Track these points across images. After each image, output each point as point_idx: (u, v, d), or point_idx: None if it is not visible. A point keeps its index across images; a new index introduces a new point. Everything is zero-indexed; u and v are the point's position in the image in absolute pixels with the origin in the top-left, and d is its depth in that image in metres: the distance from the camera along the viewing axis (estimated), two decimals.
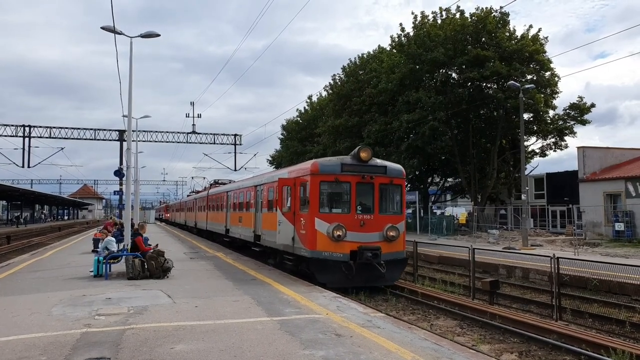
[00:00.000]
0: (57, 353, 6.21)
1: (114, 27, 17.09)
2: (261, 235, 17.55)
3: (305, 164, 14.69)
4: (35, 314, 8.50)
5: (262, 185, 17.87)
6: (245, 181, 23.17)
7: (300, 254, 13.48)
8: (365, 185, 13.51)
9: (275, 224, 15.29)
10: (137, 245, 13.73)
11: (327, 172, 13.26)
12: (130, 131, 19.58)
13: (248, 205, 20.01)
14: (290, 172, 15.26)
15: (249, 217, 19.69)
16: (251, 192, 19.52)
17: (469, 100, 33.34)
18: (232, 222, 23.64)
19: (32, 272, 14.46)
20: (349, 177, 13.33)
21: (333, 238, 12.70)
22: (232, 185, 26.91)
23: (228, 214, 24.76)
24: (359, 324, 7.85)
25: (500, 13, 33.12)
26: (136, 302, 9.54)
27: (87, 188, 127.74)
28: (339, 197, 13.85)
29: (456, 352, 6.44)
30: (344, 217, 13.10)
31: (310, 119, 52.72)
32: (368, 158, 13.56)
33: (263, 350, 6.36)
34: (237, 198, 22.50)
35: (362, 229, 13.11)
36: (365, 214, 13.39)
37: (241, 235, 21.20)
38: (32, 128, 47.10)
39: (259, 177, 20.23)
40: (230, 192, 24.58)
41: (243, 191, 21.39)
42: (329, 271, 12.70)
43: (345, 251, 12.79)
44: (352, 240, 12.88)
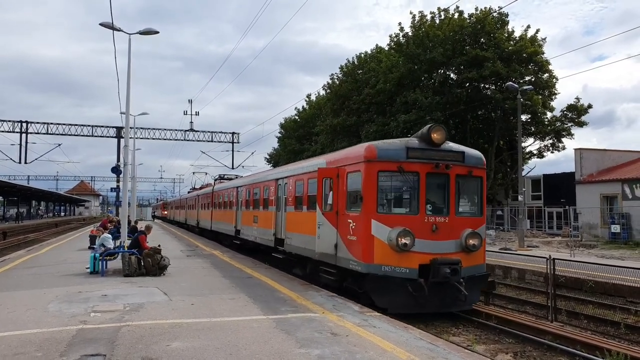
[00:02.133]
0: (53, 349, 6.21)
1: (112, 23, 17.06)
2: (285, 239, 14.80)
3: (354, 148, 11.55)
4: (31, 310, 8.48)
5: (287, 179, 15.08)
6: (261, 174, 20.16)
7: (349, 267, 10.49)
8: (439, 177, 10.49)
9: (308, 225, 12.76)
10: (139, 243, 13.74)
11: (388, 158, 10.17)
12: (127, 128, 19.55)
13: (266, 202, 17.26)
14: (331, 160, 12.25)
15: (267, 217, 17.01)
16: (270, 187, 16.77)
17: (467, 100, 33.41)
18: (244, 222, 20.78)
19: (28, 268, 14.44)
20: (417, 166, 10.23)
21: (397, 247, 9.70)
22: (244, 179, 23.66)
23: (239, 212, 21.94)
24: (355, 323, 7.86)
25: (499, 14, 33.18)
26: (132, 299, 9.54)
27: (84, 185, 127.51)
28: (403, 193, 10.92)
29: (451, 352, 6.46)
30: (411, 220, 10.07)
31: (309, 118, 52.74)
32: (442, 141, 10.48)
33: (259, 348, 6.37)
34: (252, 194, 19.70)
35: (434, 236, 10.09)
36: (437, 215, 10.35)
37: (257, 238, 18.34)
38: (29, 124, 46.92)
39: (282, 168, 17.55)
40: (242, 187, 21.75)
41: (259, 186, 18.50)
42: (391, 292, 9.75)
43: (413, 265, 9.82)
44: (422, 251, 9.88)
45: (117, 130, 49.02)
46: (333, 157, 12.58)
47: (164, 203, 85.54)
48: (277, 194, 16.06)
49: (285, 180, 15.28)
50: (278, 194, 15.96)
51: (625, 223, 28.50)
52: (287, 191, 14.95)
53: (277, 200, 16.01)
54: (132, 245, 14.04)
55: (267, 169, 38.36)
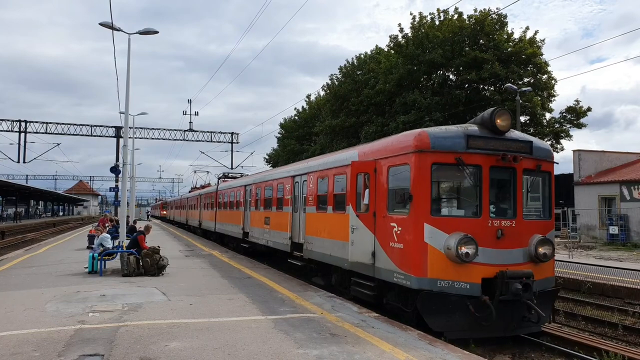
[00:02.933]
0: (51, 349, 6.20)
1: (112, 23, 17.06)
2: (304, 243, 13.20)
3: (398, 137, 9.61)
4: (29, 310, 8.48)
5: (307, 175, 13.41)
6: (275, 171, 18.71)
7: (392, 281, 8.85)
8: (504, 172, 8.85)
9: (334, 229, 11.24)
10: (137, 243, 13.74)
11: (444, 148, 8.47)
12: (127, 128, 19.54)
13: (280, 202, 15.69)
14: (366, 152, 10.39)
15: (281, 218, 15.45)
16: (286, 185, 15.24)
17: (466, 101, 33.43)
18: (253, 224, 19.14)
19: (26, 268, 14.42)
20: (479, 158, 8.56)
21: (457, 258, 8.01)
22: (253, 176, 21.61)
23: (247, 213, 20.30)
24: (353, 324, 7.87)
25: (498, 15, 33.23)
26: (131, 299, 9.53)
27: (83, 184, 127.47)
28: (462, 191, 9.29)
29: (449, 353, 6.47)
30: (471, 224, 8.39)
31: (308, 118, 52.75)
32: (507, 128, 8.84)
33: (257, 348, 6.37)
34: (263, 193, 18.03)
35: (499, 243, 8.41)
36: (502, 218, 8.66)
37: (269, 242, 16.70)
38: (28, 123, 46.88)
39: (300, 164, 15.59)
40: (251, 185, 19.99)
41: (272, 184, 16.87)
42: (448, 312, 8.12)
43: (475, 279, 8.17)
44: (486, 262, 8.23)
45: (116, 129, 49.00)
46: (368, 148, 10.60)
47: (163, 203, 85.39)
48: (293, 192, 14.51)
49: (305, 177, 13.63)
50: (295, 192, 14.43)
51: (623, 224, 28.54)
52: (306, 189, 13.38)
53: (293, 199, 14.47)
54: (130, 245, 14.04)
55: (267, 168, 37.88)
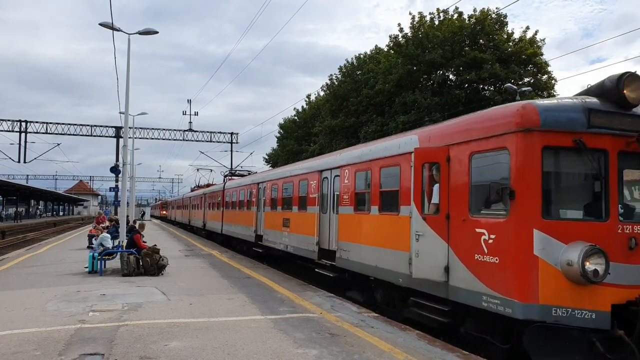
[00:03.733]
0: (51, 348, 6.23)
1: (112, 23, 17.09)
2: (337, 251, 11.35)
3: (490, 112, 7.39)
4: (30, 309, 8.50)
5: (340, 169, 11.55)
6: (296, 166, 16.19)
7: (481, 306, 6.71)
8: (635, 160, 6.84)
9: (382, 234, 9.33)
10: (134, 242, 13.78)
11: (559, 126, 6.40)
12: (126, 128, 19.57)
13: (303, 201, 13.88)
14: (433, 135, 8.19)
15: (304, 220, 13.68)
16: (311, 182, 13.42)
17: (466, 101, 33.44)
18: (268, 226, 17.24)
19: (26, 268, 14.44)
20: (604, 140, 6.49)
21: (582, 277, 5.94)
22: (268, 173, 19.76)
23: (260, 214, 18.39)
24: (352, 324, 7.89)
25: (498, 15, 33.25)
26: (130, 299, 9.56)
27: (83, 184, 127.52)
28: (581, 185, 6.92)
29: (448, 353, 6.49)
30: (596, 230, 6.32)
31: (308, 118, 52.76)
32: (638, 101, 6.68)
33: (257, 348, 6.39)
34: (280, 191, 16.22)
35: (633, 257, 6.32)
36: (635, 222, 6.56)
37: (288, 247, 14.89)
38: (28, 123, 46.90)
39: (329, 157, 13.44)
40: (266, 183, 18.11)
41: (292, 181, 15.10)
42: (566, 352, 6.08)
43: (602, 306, 6.10)
44: (616, 283, 6.15)
45: (116, 129, 49.02)
46: (436, 130, 8.32)
47: (163, 203, 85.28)
48: (321, 190, 12.75)
49: (336, 172, 11.85)
50: (323, 190, 12.68)
51: None
52: (339, 186, 11.54)
53: (321, 198, 12.71)
54: (128, 245, 14.06)
55: (267, 168, 37.08)
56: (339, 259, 11.26)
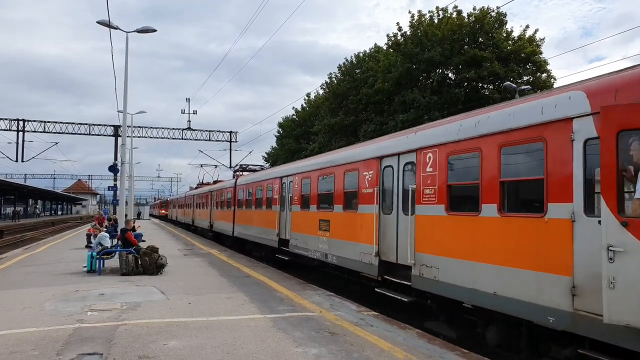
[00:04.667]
0: (50, 348, 6.20)
1: (109, 21, 17.04)
2: (415, 266, 8.49)
3: None
4: (28, 309, 8.47)
5: (417, 153, 8.75)
6: (338, 154, 13.04)
7: None
8: None
9: (516, 248, 6.42)
10: (128, 241, 13.76)
11: None
12: (125, 126, 19.53)
13: (351, 198, 11.26)
14: (628, 83, 5.31)
15: (355, 223, 10.89)
16: (365, 173, 10.57)
17: (465, 100, 33.44)
18: (297, 228, 14.55)
19: (25, 267, 14.40)
20: None
21: None
22: (294, 165, 16.65)
23: (285, 214, 15.65)
24: (352, 322, 7.87)
25: (497, 13, 33.24)
26: (129, 298, 9.53)
27: (81, 183, 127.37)
28: None
29: (448, 352, 6.47)
30: None
31: (307, 117, 52.76)
32: None
33: (256, 347, 6.36)
34: (315, 186, 13.44)
35: None
36: None
37: (329, 256, 12.09)
38: (26, 122, 46.80)
39: (391, 138, 10.39)
40: (292, 177, 15.30)
41: (333, 172, 12.28)
42: None
43: None
44: None
45: (114, 128, 48.93)
46: (620, 81, 5.47)
47: (162, 202, 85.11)
48: (381, 183, 9.97)
49: (408, 158, 9.05)
50: (384, 183, 9.93)
51: None
52: (416, 178, 8.67)
53: (381, 194, 9.95)
54: (123, 245, 14.01)
55: (267, 167, 35.07)
56: (419, 277, 8.35)
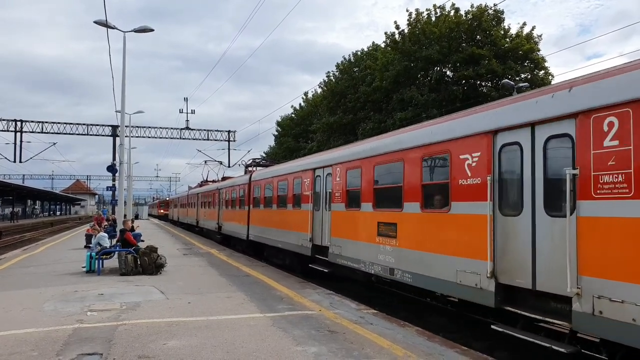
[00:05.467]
0: (49, 348, 6.19)
1: (106, 21, 17.01)
2: (579, 297, 5.59)
3: None
4: (27, 310, 8.46)
5: (575, 119, 5.83)
6: (406, 134, 9.57)
7: None
8: None
9: None
10: (127, 241, 13.75)
11: None
12: (123, 126, 19.51)
13: (434, 193, 8.46)
14: None
15: (443, 227, 8.05)
16: (467, 156, 7.56)
17: (463, 98, 33.46)
18: (340, 232, 11.63)
19: (24, 268, 14.38)
20: None
21: None
22: (330, 154, 13.08)
23: (322, 215, 12.67)
24: (352, 321, 7.88)
25: (495, 11, 33.27)
26: (129, 298, 9.52)
27: (80, 183, 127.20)
28: None
29: (448, 349, 6.48)
30: None
31: (305, 116, 52.78)
32: None
33: (256, 346, 6.36)
34: (367, 180, 10.39)
35: None
36: None
37: (398, 272, 9.12)
38: (24, 123, 46.69)
39: (516, 101, 7.08)
40: (332, 168, 12.19)
41: (402, 158, 9.19)
42: None
43: None
44: None
45: (112, 128, 48.85)
46: None
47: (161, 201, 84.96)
48: (496, 171, 7.06)
49: (565, 126, 6.01)
50: (501, 170, 7.01)
51: None
52: (591, 154, 5.64)
53: (499, 186, 7.02)
54: (123, 245, 13.99)
55: None
56: (591, 317, 5.44)
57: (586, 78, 6.06)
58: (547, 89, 6.72)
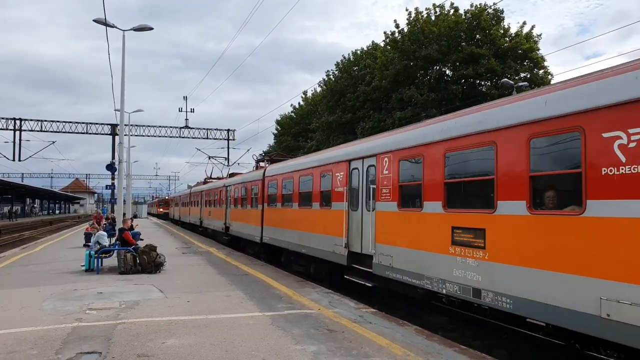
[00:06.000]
0: (48, 347, 6.19)
1: (105, 19, 16.99)
2: None
3: None
4: (26, 308, 8.46)
5: None
6: (499, 107, 7.14)
7: None
8: None
9: None
10: (126, 240, 13.76)
11: None
12: (122, 125, 19.49)
13: (554, 187, 6.17)
14: None
15: (571, 235, 5.61)
16: (608, 134, 5.20)
17: (463, 97, 33.46)
18: (388, 239, 9.41)
19: (23, 266, 14.38)
20: None
21: None
22: (372, 141, 10.83)
23: (361, 215, 10.56)
24: (351, 320, 7.88)
25: (494, 10, 33.26)
26: (128, 297, 9.53)
27: (79, 182, 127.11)
28: None
29: (446, 348, 6.49)
30: None
31: (304, 115, 52.78)
32: None
33: (255, 345, 6.37)
34: (432, 172, 8.27)
35: None
36: None
37: (485, 294, 6.89)
38: (23, 121, 46.64)
39: None
40: (370, 159, 10.26)
41: (494, 141, 6.88)
42: None
43: None
44: None
45: (111, 127, 48.80)
46: None
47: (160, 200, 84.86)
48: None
49: None
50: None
51: None
52: None
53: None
54: (122, 244, 13.98)
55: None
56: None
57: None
58: None
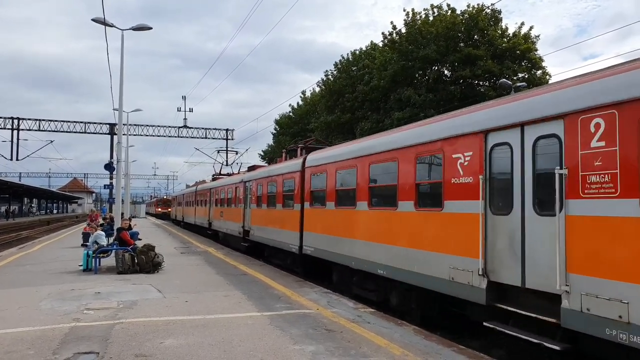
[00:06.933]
0: (45, 347, 6.17)
1: (104, 19, 16.97)
2: None
3: None
4: (23, 308, 8.43)
5: None
6: None
7: None
8: None
9: None
10: (124, 240, 13.73)
11: None
12: (121, 124, 19.46)
13: None
14: None
15: None
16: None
17: (461, 97, 33.49)
18: (599, 267, 5.19)
19: (20, 266, 14.34)
20: None
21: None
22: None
23: (511, 222, 6.42)
24: (349, 319, 7.88)
25: (492, 10, 33.29)
26: (126, 297, 9.51)
27: (77, 182, 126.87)
28: None
29: (445, 348, 6.49)
30: None
31: (303, 114, 52.77)
32: None
33: (253, 345, 6.36)
34: None
35: None
36: None
37: None
38: (21, 121, 46.54)
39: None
40: (572, 116, 5.57)
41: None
42: None
43: None
44: None
45: (110, 126, 48.73)
46: None
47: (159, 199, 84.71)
48: None
49: None
50: None
51: None
52: None
53: None
54: (120, 244, 13.95)
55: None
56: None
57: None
58: None
